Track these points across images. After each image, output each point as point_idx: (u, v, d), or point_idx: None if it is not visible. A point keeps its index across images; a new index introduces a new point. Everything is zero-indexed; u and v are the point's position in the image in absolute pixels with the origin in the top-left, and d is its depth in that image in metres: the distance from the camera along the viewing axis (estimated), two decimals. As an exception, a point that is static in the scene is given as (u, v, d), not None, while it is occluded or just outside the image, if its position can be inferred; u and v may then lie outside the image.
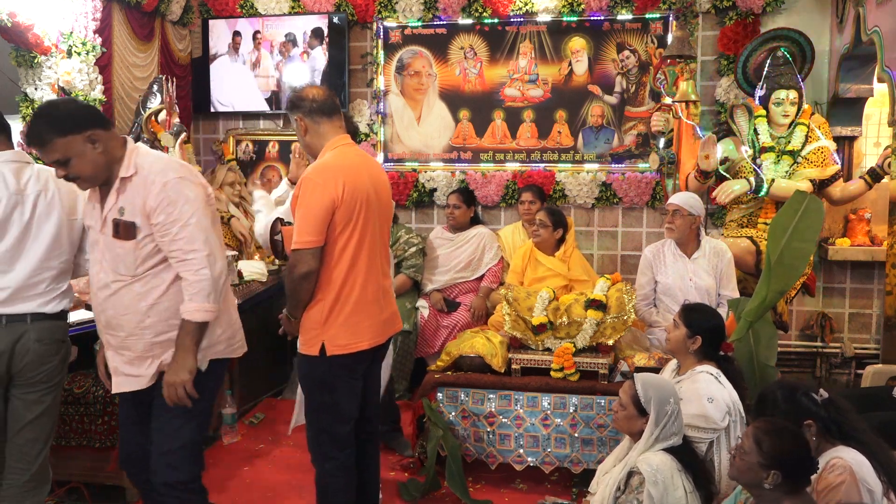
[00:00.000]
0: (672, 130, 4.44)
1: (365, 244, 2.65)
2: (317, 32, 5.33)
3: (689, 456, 2.53)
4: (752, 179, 4.15)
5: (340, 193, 2.56)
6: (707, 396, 2.74)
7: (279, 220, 5.08)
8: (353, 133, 3.22)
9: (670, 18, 4.93)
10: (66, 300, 2.74)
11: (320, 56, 5.34)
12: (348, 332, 2.64)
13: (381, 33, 5.31)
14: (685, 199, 3.83)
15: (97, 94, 4.24)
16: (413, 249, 4.83)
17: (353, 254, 2.62)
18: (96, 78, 4.24)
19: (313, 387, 2.71)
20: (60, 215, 2.68)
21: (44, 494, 2.72)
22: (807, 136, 4.23)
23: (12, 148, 2.73)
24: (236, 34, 5.45)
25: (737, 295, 3.79)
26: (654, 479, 2.40)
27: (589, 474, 2.87)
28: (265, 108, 5.49)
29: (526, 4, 5.04)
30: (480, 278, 4.88)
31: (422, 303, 4.77)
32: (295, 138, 3.92)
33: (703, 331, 2.89)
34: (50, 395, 2.68)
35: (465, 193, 5.01)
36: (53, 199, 2.67)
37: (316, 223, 2.55)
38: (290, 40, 5.39)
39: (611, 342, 3.50)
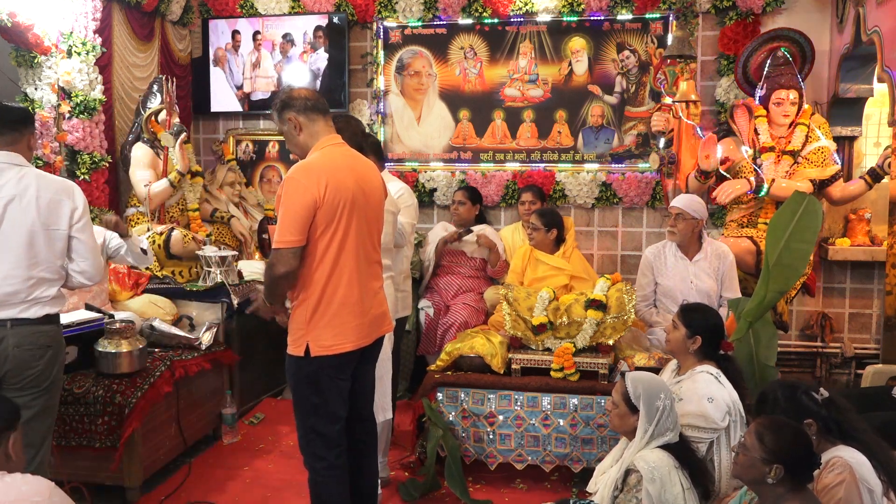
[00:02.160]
0: (672, 130, 4.44)
1: (348, 244, 2.62)
2: (318, 32, 5.33)
3: (685, 453, 2.53)
4: (752, 179, 4.15)
5: (322, 193, 2.54)
6: (707, 396, 2.74)
7: (266, 219, 5.09)
8: (362, 139, 3.20)
9: (670, 18, 4.93)
10: (52, 306, 2.68)
11: (321, 56, 5.34)
12: (333, 333, 2.62)
13: (381, 33, 5.31)
14: (688, 203, 3.82)
15: (97, 94, 4.24)
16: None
17: (335, 254, 2.60)
18: (96, 78, 4.24)
19: (300, 387, 2.69)
20: (34, 224, 2.60)
21: None
22: (807, 136, 4.23)
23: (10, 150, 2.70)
24: (235, 33, 5.46)
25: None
26: (651, 477, 2.40)
27: (589, 473, 2.86)
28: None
29: (526, 4, 5.04)
30: (477, 261, 4.86)
31: (424, 303, 4.77)
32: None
33: (702, 331, 2.89)
34: (39, 399, 2.65)
35: (471, 191, 5.00)
36: (28, 207, 2.59)
37: (297, 223, 2.54)
38: (289, 41, 5.39)
39: (611, 342, 3.50)
